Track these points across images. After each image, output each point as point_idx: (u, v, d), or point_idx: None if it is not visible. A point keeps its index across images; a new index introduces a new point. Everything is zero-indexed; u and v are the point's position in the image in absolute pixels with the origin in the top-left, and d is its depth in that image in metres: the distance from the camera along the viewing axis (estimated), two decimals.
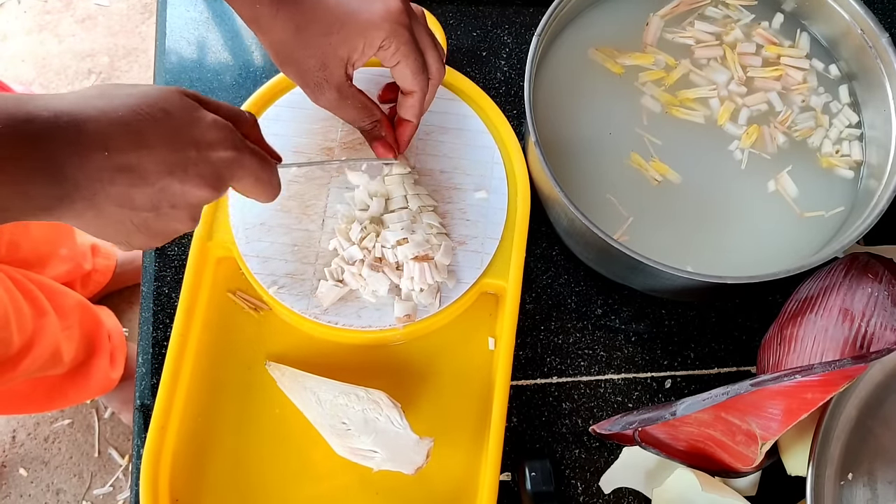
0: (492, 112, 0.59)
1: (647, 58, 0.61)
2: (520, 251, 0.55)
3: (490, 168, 0.57)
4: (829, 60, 0.62)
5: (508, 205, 0.56)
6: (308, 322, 0.53)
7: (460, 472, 0.52)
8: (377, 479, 0.52)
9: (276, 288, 0.53)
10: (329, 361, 0.54)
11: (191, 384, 0.53)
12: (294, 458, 0.52)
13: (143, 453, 0.50)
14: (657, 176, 0.57)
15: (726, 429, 0.49)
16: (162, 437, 0.50)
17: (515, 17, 0.68)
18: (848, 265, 0.52)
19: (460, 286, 0.53)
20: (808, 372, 0.43)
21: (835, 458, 0.49)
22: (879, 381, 0.51)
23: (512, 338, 0.53)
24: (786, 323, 0.52)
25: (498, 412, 0.52)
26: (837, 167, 0.59)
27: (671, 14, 0.63)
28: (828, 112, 0.61)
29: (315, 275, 0.53)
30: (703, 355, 0.59)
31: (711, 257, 0.56)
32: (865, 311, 0.49)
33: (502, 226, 0.55)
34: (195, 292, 0.54)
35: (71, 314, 0.92)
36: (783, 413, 0.46)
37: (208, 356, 0.54)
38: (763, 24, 0.63)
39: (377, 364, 0.54)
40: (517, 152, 0.57)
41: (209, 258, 0.55)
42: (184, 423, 0.52)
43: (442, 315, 0.53)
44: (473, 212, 0.55)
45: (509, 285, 0.54)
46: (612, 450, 0.57)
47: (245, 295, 0.55)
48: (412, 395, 0.54)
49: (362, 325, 0.52)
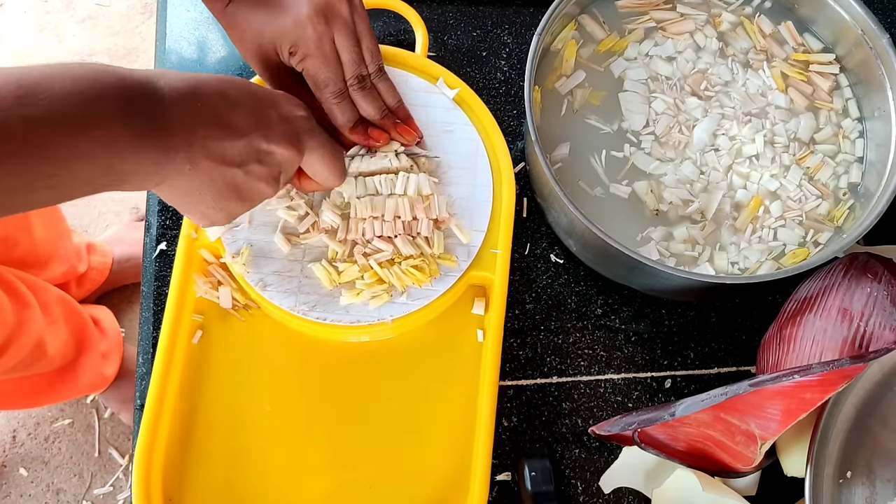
0: (475, 104, 0.58)
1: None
2: (506, 243, 0.55)
3: (474, 160, 0.57)
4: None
5: (494, 197, 0.56)
6: (296, 319, 0.52)
7: (453, 465, 0.52)
8: (370, 476, 0.52)
9: (262, 286, 0.52)
10: (319, 359, 0.54)
11: (181, 385, 0.53)
12: (287, 455, 0.52)
13: (135, 454, 0.50)
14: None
15: (725, 429, 0.49)
16: (153, 438, 0.50)
17: (515, 17, 0.68)
18: (847, 265, 0.52)
19: (447, 279, 0.53)
20: (807, 372, 0.43)
21: (833, 457, 0.49)
22: (878, 380, 0.51)
23: (500, 329, 0.53)
24: (785, 323, 0.52)
25: (487, 404, 0.51)
26: (837, 166, 0.59)
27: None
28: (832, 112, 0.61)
29: (303, 272, 0.53)
30: (703, 355, 0.59)
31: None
32: (864, 311, 0.49)
33: (488, 218, 0.55)
34: (183, 292, 0.53)
35: (54, 308, 0.92)
36: (782, 413, 0.46)
37: (198, 356, 0.54)
38: (759, 17, 0.63)
39: (368, 360, 0.54)
40: (501, 144, 0.57)
41: (196, 257, 0.54)
42: (174, 424, 0.52)
43: (430, 308, 0.53)
44: (458, 204, 0.55)
45: (496, 277, 0.54)
46: (611, 450, 0.57)
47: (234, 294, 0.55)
48: (403, 389, 0.54)
49: (351, 320, 0.52)
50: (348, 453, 0.53)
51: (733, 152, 0.59)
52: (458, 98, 0.58)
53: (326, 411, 0.53)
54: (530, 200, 0.62)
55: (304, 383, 0.54)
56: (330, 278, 0.52)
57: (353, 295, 0.52)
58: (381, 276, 0.52)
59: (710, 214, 0.57)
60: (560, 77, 0.61)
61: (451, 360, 0.54)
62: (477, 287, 0.56)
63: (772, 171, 0.58)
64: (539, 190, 0.60)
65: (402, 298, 0.52)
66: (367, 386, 0.54)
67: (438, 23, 0.67)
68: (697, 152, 0.59)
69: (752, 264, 0.56)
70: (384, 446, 0.53)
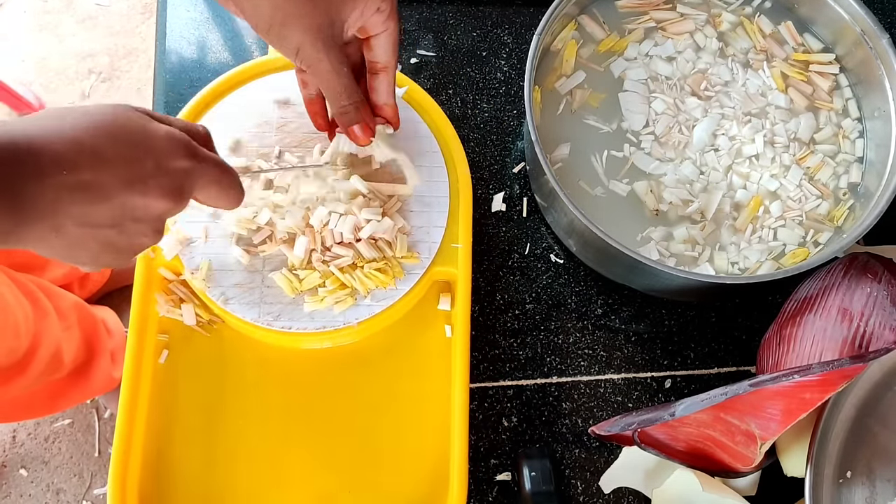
0: (424, 101, 0.58)
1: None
2: (466, 236, 0.54)
3: (428, 157, 0.56)
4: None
5: (451, 192, 0.55)
6: (261, 330, 0.52)
7: (431, 462, 0.52)
8: (350, 481, 0.52)
9: (224, 300, 0.52)
10: (288, 368, 0.54)
11: (150, 405, 0.52)
12: (263, 467, 0.52)
13: (109, 475, 0.49)
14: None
15: (725, 429, 0.49)
16: (126, 459, 0.50)
17: (515, 17, 0.68)
18: (847, 265, 0.52)
19: (411, 277, 0.53)
20: (807, 372, 0.43)
21: (833, 457, 0.49)
22: (878, 379, 0.51)
23: (467, 323, 0.53)
24: (785, 323, 0.52)
25: (460, 398, 0.51)
26: (837, 166, 0.59)
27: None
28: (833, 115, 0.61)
29: (264, 282, 0.53)
30: (703, 355, 0.59)
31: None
32: (864, 311, 0.49)
33: (446, 213, 0.55)
34: (145, 313, 0.53)
35: (69, 314, 0.92)
36: (782, 413, 0.46)
37: (166, 375, 0.53)
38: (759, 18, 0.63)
39: (338, 365, 0.54)
40: (454, 139, 0.57)
41: (155, 276, 0.54)
42: (148, 443, 0.51)
43: (396, 308, 0.53)
44: (416, 202, 0.55)
45: (459, 271, 0.54)
46: (611, 450, 0.57)
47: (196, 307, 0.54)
48: (375, 391, 0.53)
49: (316, 326, 0.52)
50: (326, 460, 0.52)
51: (733, 152, 0.59)
52: (407, 97, 0.58)
53: (301, 420, 0.53)
54: (530, 200, 0.62)
55: (276, 394, 0.53)
56: (292, 286, 0.52)
57: (316, 301, 0.52)
58: (344, 281, 0.52)
59: (709, 214, 0.57)
60: (560, 77, 0.61)
61: (421, 358, 0.54)
62: (441, 283, 0.55)
63: (772, 171, 0.58)
64: (539, 190, 0.60)
65: (366, 301, 0.52)
66: (339, 391, 0.53)
67: (438, 23, 0.67)
68: (697, 152, 0.59)
69: (752, 264, 0.56)
70: (361, 450, 0.53)
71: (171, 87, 0.65)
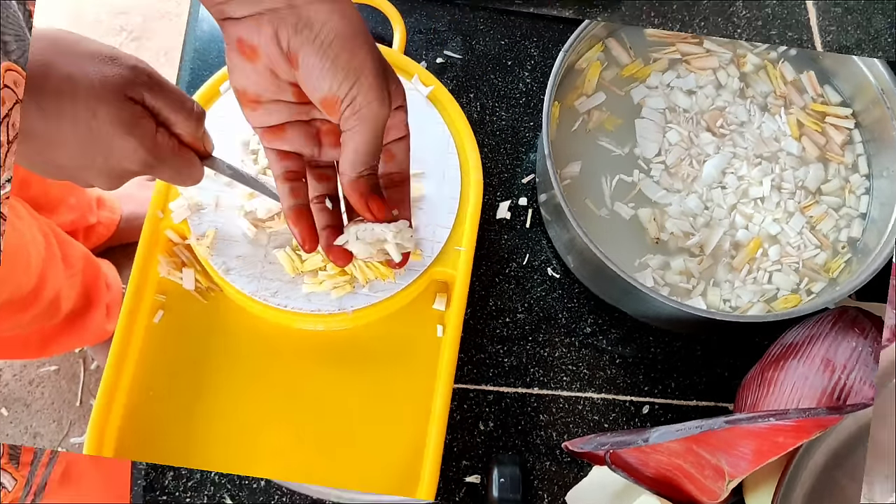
0: (448, 103, 0.58)
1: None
2: (470, 241, 0.55)
3: (444, 158, 0.57)
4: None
5: (461, 196, 0.56)
6: (258, 304, 0.52)
7: (404, 456, 0.53)
8: (323, 462, 0.52)
9: (226, 269, 0.53)
10: (277, 345, 0.54)
11: (139, 361, 0.53)
12: (241, 437, 0.53)
13: (91, 414, 0.50)
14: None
15: (696, 461, 0.50)
16: (108, 406, 0.50)
17: (545, 31, 0.69)
18: (836, 317, 0.53)
19: (411, 273, 0.53)
20: (783, 416, 0.44)
21: (798, 503, 0.50)
22: (852, 432, 0.51)
23: (459, 326, 0.54)
24: (768, 365, 0.53)
25: (442, 398, 0.52)
26: (839, 219, 0.60)
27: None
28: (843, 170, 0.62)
29: (266, 257, 0.53)
30: (684, 386, 0.60)
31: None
32: (847, 364, 0.49)
33: (454, 215, 0.55)
34: (146, 271, 0.53)
35: (76, 263, 0.93)
36: (753, 453, 0.47)
37: (159, 335, 0.54)
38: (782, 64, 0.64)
39: (326, 349, 0.55)
40: (472, 144, 0.57)
41: (161, 237, 0.54)
42: (132, 395, 0.52)
43: (392, 301, 0.53)
44: (425, 200, 0.56)
45: (459, 274, 0.54)
46: (582, 467, 0.57)
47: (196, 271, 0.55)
48: (360, 379, 0.54)
49: (311, 308, 0.52)
50: (303, 436, 0.53)
51: (739, 192, 0.60)
52: (432, 96, 0.59)
53: (283, 395, 0.54)
54: (535, 212, 0.63)
55: (263, 368, 0.54)
56: (293, 265, 0.53)
57: (315, 284, 0.52)
58: (345, 268, 0.52)
59: (708, 249, 0.58)
60: (580, 96, 0.62)
61: (409, 353, 0.55)
62: (439, 283, 0.56)
63: (775, 216, 0.59)
64: (545, 203, 0.60)
65: (364, 290, 0.53)
66: (326, 373, 0.54)
67: (469, 26, 0.68)
68: (705, 187, 0.60)
69: (743, 304, 0.57)
70: (339, 431, 0.53)
71: (199, 54, 0.65)
